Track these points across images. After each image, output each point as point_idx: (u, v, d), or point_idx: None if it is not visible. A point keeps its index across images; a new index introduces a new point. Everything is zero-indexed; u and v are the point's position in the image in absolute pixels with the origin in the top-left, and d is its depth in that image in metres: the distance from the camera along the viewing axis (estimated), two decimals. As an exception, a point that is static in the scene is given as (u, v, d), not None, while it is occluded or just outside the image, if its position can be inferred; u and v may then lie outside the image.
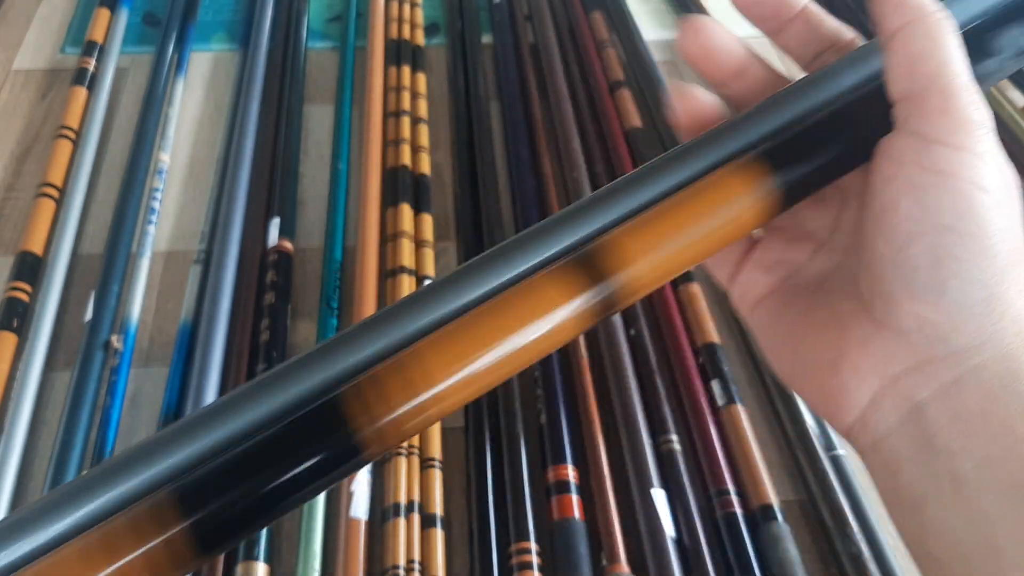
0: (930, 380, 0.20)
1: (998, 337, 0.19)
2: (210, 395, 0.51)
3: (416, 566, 0.45)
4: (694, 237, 0.20)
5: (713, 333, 0.56)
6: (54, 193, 0.64)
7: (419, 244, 0.62)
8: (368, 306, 0.57)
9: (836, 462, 0.50)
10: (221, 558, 0.45)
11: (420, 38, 0.82)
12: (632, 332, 0.56)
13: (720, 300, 0.61)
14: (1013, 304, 0.19)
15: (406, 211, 0.63)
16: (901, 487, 0.20)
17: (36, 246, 0.60)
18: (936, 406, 0.20)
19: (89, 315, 0.55)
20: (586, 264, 0.19)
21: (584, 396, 0.52)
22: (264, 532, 0.46)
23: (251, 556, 0.45)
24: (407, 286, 0.58)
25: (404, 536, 0.46)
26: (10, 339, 0.54)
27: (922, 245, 0.19)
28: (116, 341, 0.54)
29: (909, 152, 0.19)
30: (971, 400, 0.19)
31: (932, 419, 0.20)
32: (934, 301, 0.19)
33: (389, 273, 0.59)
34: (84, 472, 0.18)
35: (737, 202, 0.20)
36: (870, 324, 0.21)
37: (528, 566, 0.45)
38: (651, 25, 0.88)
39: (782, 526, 0.47)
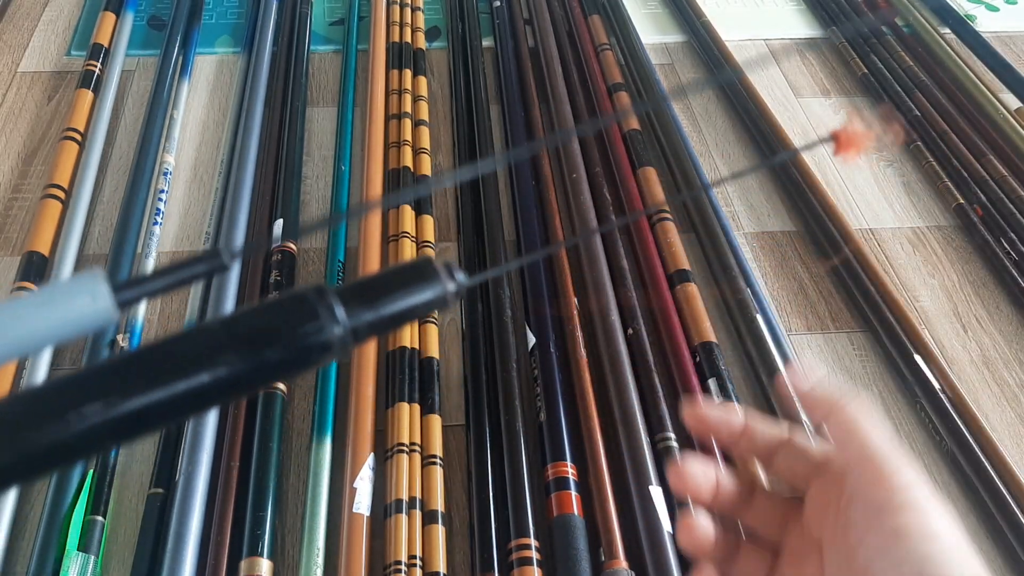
0: None
1: None
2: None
3: (418, 561, 0.45)
4: None
5: (710, 332, 0.57)
6: (60, 194, 0.65)
7: (420, 245, 0.63)
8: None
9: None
10: (225, 553, 0.46)
11: (421, 41, 0.83)
12: (630, 331, 0.57)
13: (717, 300, 0.61)
14: None
15: (407, 212, 0.64)
16: None
17: (42, 246, 0.61)
18: None
19: (95, 314, 0.56)
20: None
21: (583, 394, 0.53)
22: (268, 528, 0.47)
23: (255, 552, 0.46)
24: (409, 286, 0.59)
25: (406, 532, 0.46)
26: (17, 338, 0.55)
27: None
28: (122, 340, 0.55)
29: (864, 520, 0.24)
30: None
31: None
32: None
33: (391, 273, 0.60)
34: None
35: None
36: None
37: (528, 562, 0.45)
38: (649, 29, 0.89)
39: (778, 522, 0.47)
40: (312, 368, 0.17)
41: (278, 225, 0.62)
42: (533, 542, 0.46)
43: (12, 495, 0.48)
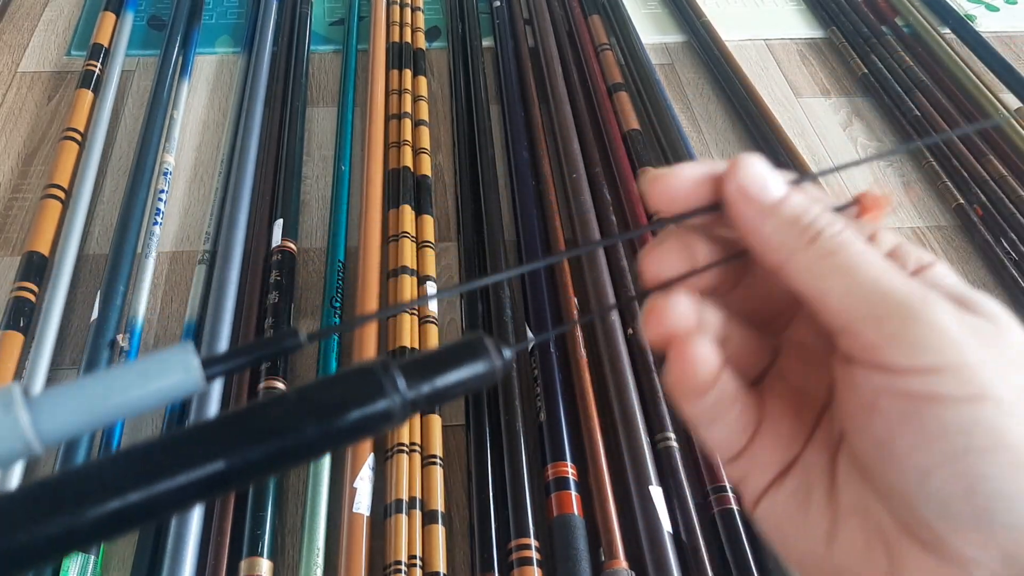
0: None
1: None
2: (214, 394, 0.52)
3: (418, 561, 0.46)
4: None
5: (710, 333, 0.57)
6: (60, 194, 0.65)
7: (420, 245, 0.63)
8: (370, 305, 0.58)
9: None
10: (225, 553, 0.46)
11: (421, 41, 0.83)
12: (630, 331, 0.57)
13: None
14: None
15: (407, 212, 0.64)
16: None
17: (43, 246, 0.61)
18: None
19: (95, 314, 0.56)
20: None
21: (583, 394, 0.53)
22: (268, 528, 0.47)
23: (255, 552, 0.46)
24: (408, 286, 0.59)
25: (406, 532, 0.46)
26: (16, 338, 0.55)
27: (944, 476, 0.16)
28: (122, 340, 0.55)
29: (881, 383, 0.17)
30: None
31: None
32: (984, 529, 0.16)
33: (391, 273, 0.60)
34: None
35: None
36: (926, 553, 0.17)
37: (528, 562, 0.45)
38: (649, 29, 0.89)
39: (778, 522, 0.47)
40: (376, 434, 0.19)
41: (278, 225, 0.62)
42: (533, 542, 0.46)
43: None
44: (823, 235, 0.18)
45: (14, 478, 0.48)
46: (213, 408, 0.51)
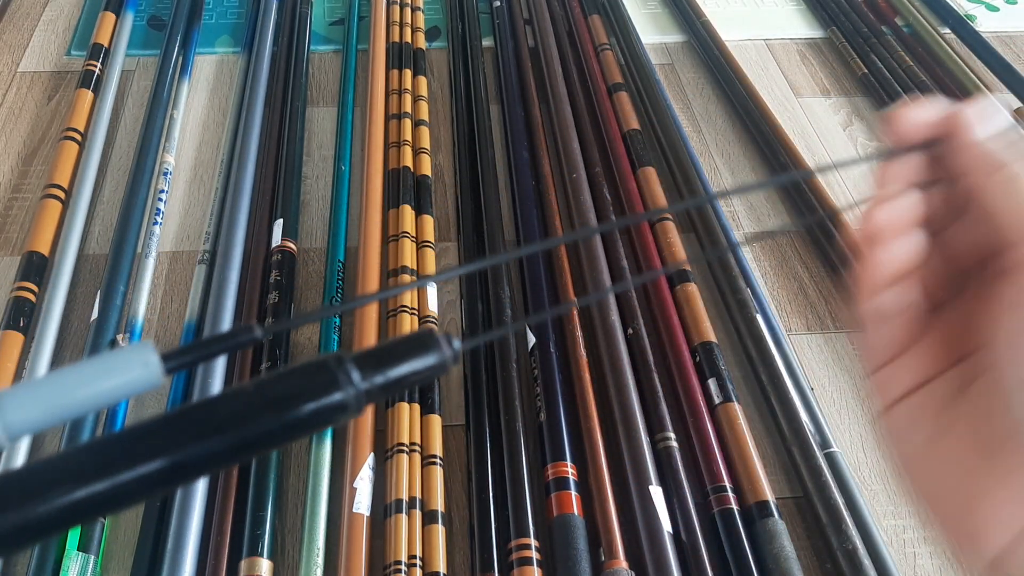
0: None
1: None
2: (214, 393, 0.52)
3: (418, 561, 0.46)
4: None
5: (710, 332, 0.57)
6: (60, 194, 0.65)
7: (420, 245, 0.63)
8: (370, 305, 0.58)
9: (831, 459, 0.51)
10: (225, 553, 0.46)
11: (421, 41, 0.83)
12: (630, 331, 0.57)
13: (716, 300, 0.61)
14: None
15: (407, 212, 0.64)
16: None
17: (43, 246, 0.61)
18: None
19: (95, 314, 0.56)
20: None
21: (583, 394, 0.53)
22: (268, 528, 0.47)
23: (255, 552, 0.46)
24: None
25: (406, 532, 0.46)
26: (16, 338, 0.55)
27: None
28: (122, 340, 0.55)
29: None
30: None
31: None
32: None
33: (391, 273, 0.60)
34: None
35: None
36: (1014, 456, 0.20)
37: (528, 562, 0.45)
38: (649, 29, 0.89)
39: (778, 522, 0.48)
40: (332, 425, 0.20)
41: (278, 225, 0.62)
42: (533, 542, 0.46)
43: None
44: (1016, 164, 0.21)
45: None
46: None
